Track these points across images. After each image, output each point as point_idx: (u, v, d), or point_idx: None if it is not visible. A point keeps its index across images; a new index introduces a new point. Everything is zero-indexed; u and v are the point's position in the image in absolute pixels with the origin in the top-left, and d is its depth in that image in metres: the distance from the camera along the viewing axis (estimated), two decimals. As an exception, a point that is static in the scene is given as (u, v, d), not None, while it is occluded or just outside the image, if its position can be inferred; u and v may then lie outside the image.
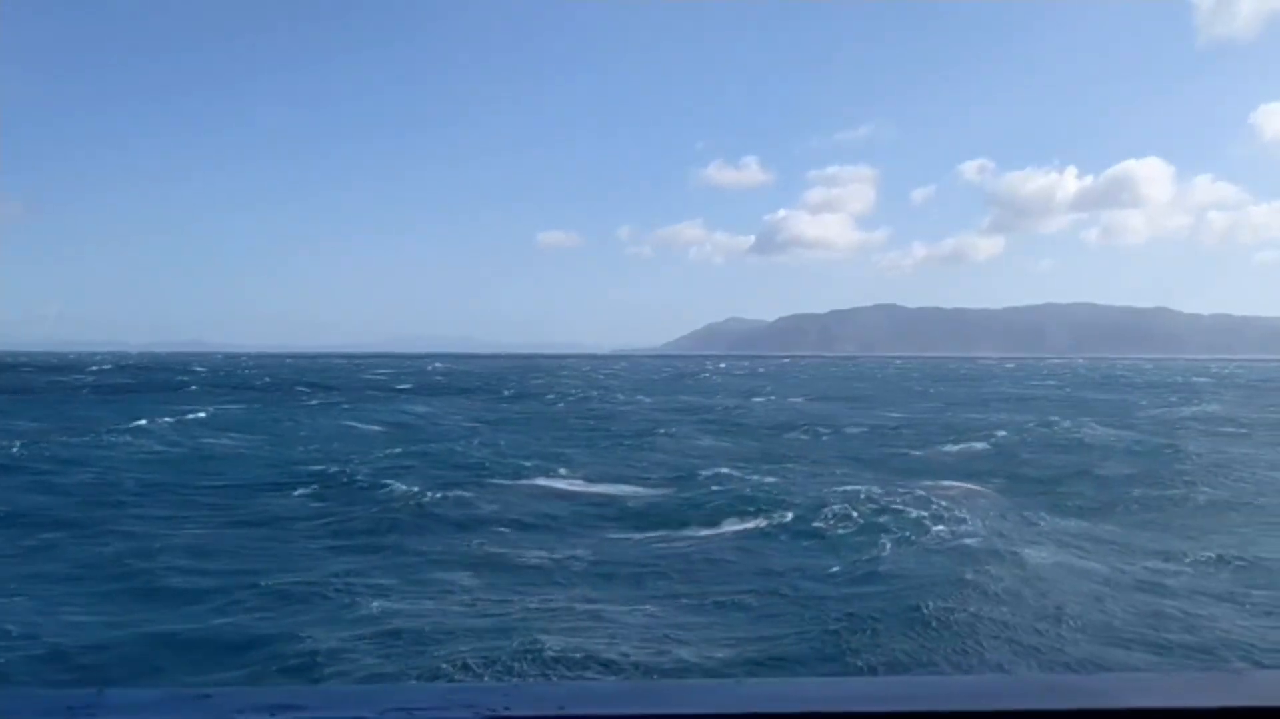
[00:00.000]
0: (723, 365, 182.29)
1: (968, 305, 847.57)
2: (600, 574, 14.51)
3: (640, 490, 22.70)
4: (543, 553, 15.64)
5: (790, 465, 27.58)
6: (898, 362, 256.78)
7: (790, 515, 18.52)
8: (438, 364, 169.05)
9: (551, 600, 12.88)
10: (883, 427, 42.17)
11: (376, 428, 40.42)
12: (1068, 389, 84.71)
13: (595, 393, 73.72)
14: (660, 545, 16.77)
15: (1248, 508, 21.16)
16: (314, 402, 58.81)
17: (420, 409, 52.35)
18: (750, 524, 18.26)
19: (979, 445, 33.43)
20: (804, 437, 37.98)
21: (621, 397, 69.36)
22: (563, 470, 25.28)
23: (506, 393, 74.53)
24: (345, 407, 53.02)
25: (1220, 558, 15.44)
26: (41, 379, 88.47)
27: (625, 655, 10.49)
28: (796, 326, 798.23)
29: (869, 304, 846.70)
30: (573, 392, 74.77)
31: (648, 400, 64.33)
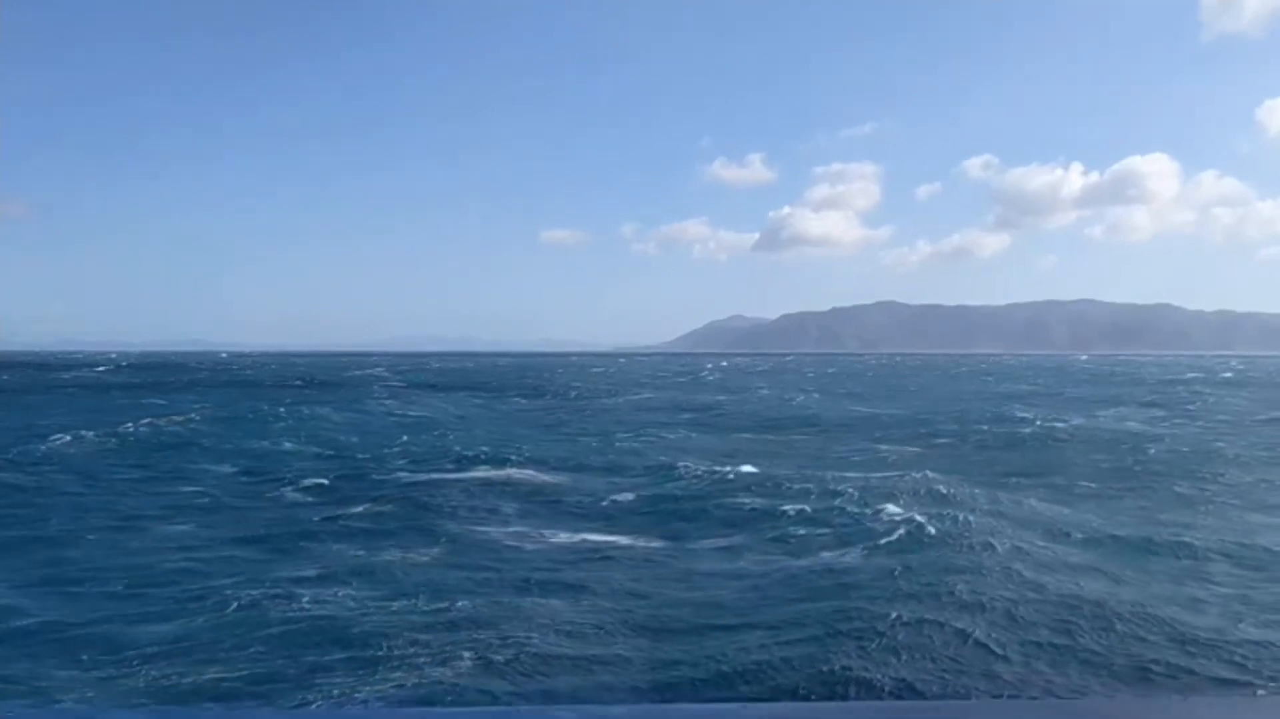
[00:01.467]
0: (724, 364, 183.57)
1: (972, 302, 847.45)
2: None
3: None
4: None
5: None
6: (898, 358, 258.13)
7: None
8: (434, 363, 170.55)
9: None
10: (849, 423, 43.82)
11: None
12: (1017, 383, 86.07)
13: (576, 388, 75.36)
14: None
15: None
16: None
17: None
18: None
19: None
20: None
21: (602, 397, 70.71)
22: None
23: (495, 388, 76.19)
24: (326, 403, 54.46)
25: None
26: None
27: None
28: (798, 324, 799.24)
29: (871, 301, 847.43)
30: (573, 389, 76.35)
31: (619, 399, 65.68)
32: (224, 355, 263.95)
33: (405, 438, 34.20)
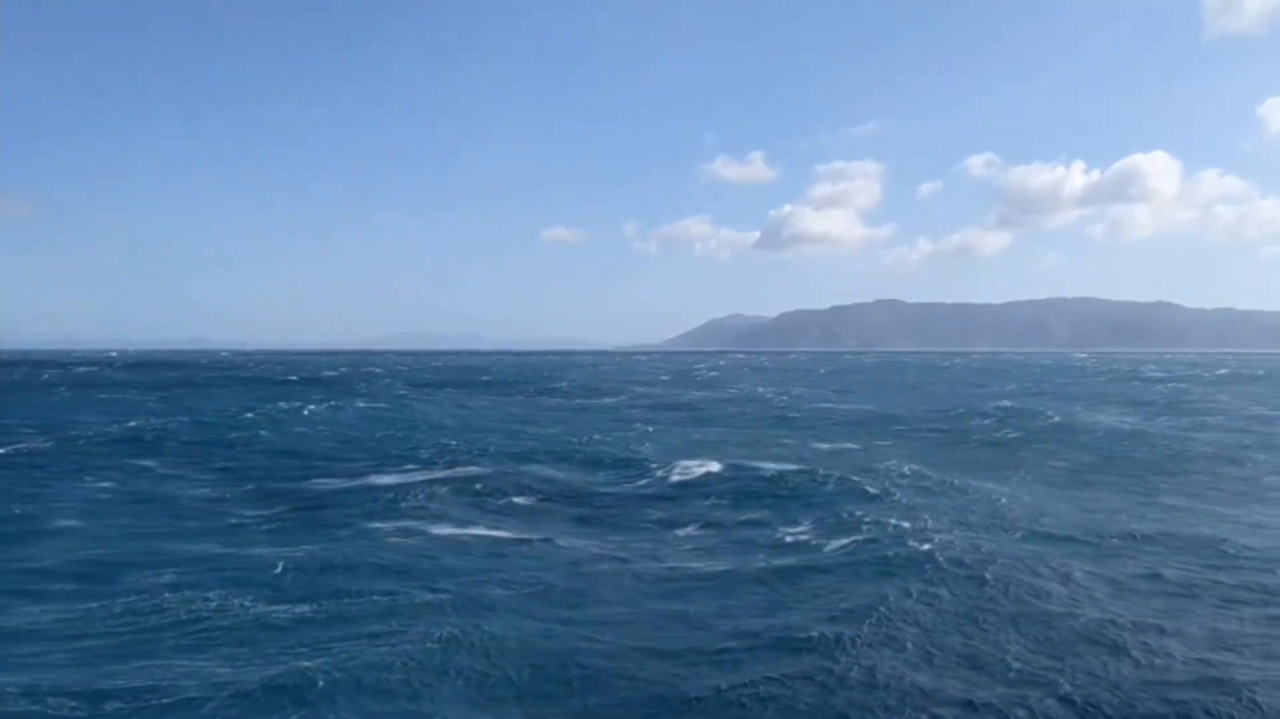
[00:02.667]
0: (721, 362, 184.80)
1: (972, 300, 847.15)
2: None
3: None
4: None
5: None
6: (897, 356, 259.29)
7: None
8: (437, 363, 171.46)
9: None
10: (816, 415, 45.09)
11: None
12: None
13: (562, 387, 76.44)
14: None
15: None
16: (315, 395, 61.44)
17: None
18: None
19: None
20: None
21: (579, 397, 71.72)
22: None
23: (483, 385, 77.39)
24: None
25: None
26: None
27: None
28: (798, 322, 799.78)
29: (871, 300, 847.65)
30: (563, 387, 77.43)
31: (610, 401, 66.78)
32: (224, 354, 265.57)
33: (377, 435, 35.37)
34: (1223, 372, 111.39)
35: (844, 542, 16.47)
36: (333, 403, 47.72)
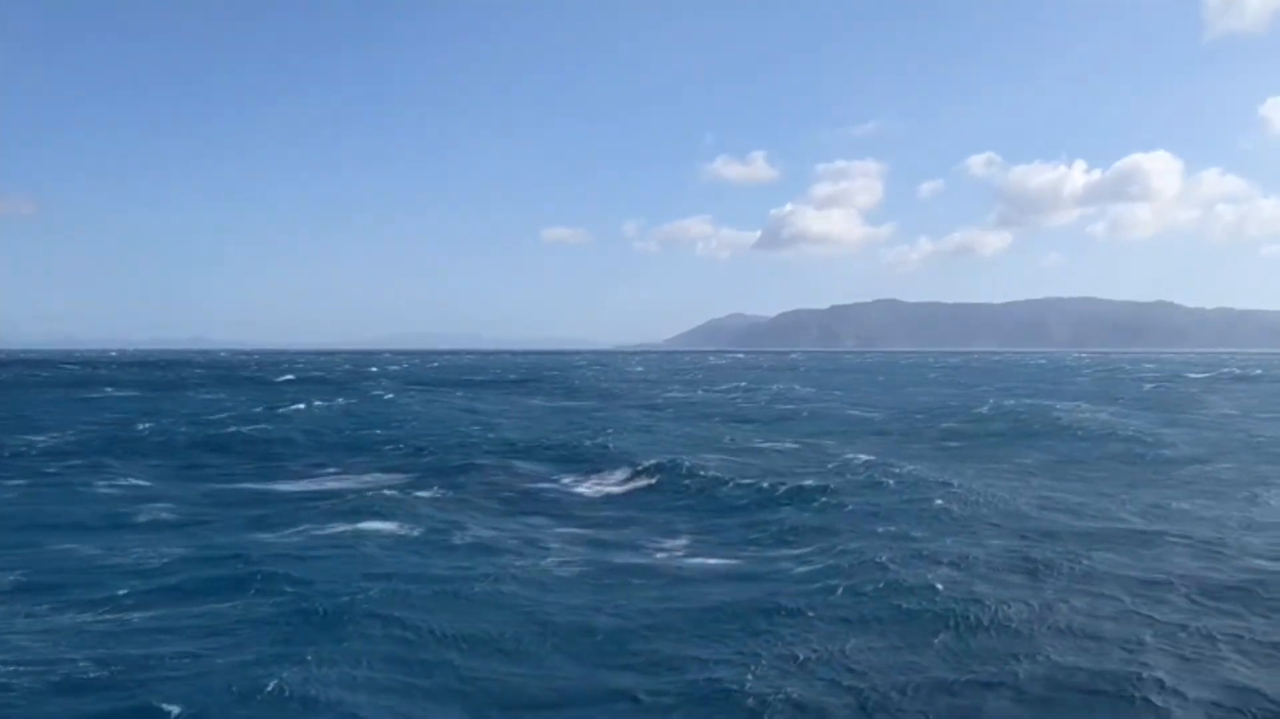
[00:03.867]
0: (716, 361, 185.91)
1: (973, 300, 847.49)
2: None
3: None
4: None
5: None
6: (902, 357, 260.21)
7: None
8: (435, 362, 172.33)
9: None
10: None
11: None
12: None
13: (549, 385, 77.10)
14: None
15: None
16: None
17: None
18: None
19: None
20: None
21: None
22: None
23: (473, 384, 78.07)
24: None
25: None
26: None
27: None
28: (797, 322, 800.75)
29: (871, 299, 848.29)
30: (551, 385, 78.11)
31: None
32: (223, 354, 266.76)
33: (344, 434, 36.07)
34: (1228, 370, 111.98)
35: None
36: (319, 402, 48.58)
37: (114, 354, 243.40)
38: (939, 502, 19.69)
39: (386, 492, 21.37)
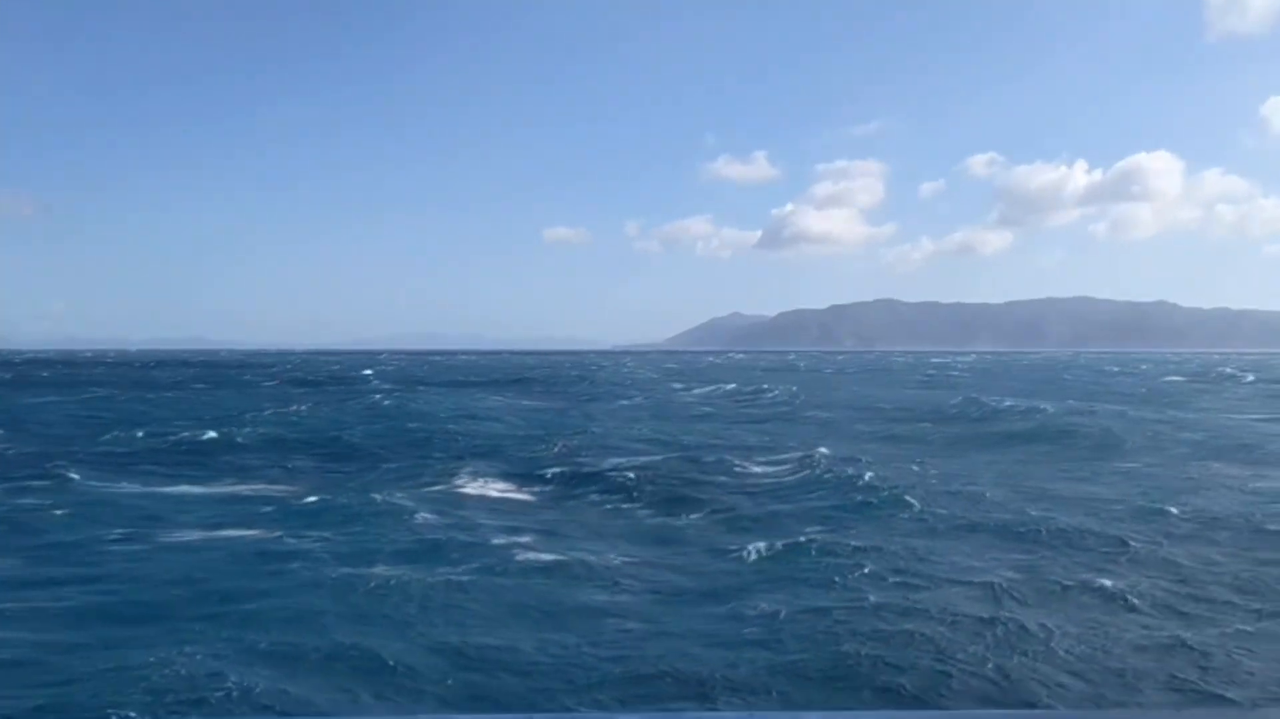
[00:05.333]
0: (716, 360, 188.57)
1: (973, 300, 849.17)
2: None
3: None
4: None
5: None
6: (902, 357, 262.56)
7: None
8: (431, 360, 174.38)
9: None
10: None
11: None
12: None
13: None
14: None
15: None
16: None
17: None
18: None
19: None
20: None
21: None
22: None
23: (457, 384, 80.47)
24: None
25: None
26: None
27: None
28: (796, 322, 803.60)
29: (870, 299, 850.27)
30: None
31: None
32: (223, 354, 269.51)
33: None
34: (1225, 369, 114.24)
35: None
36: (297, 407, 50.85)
37: (111, 355, 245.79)
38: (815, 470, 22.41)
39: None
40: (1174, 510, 19.28)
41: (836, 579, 13.78)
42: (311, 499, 20.51)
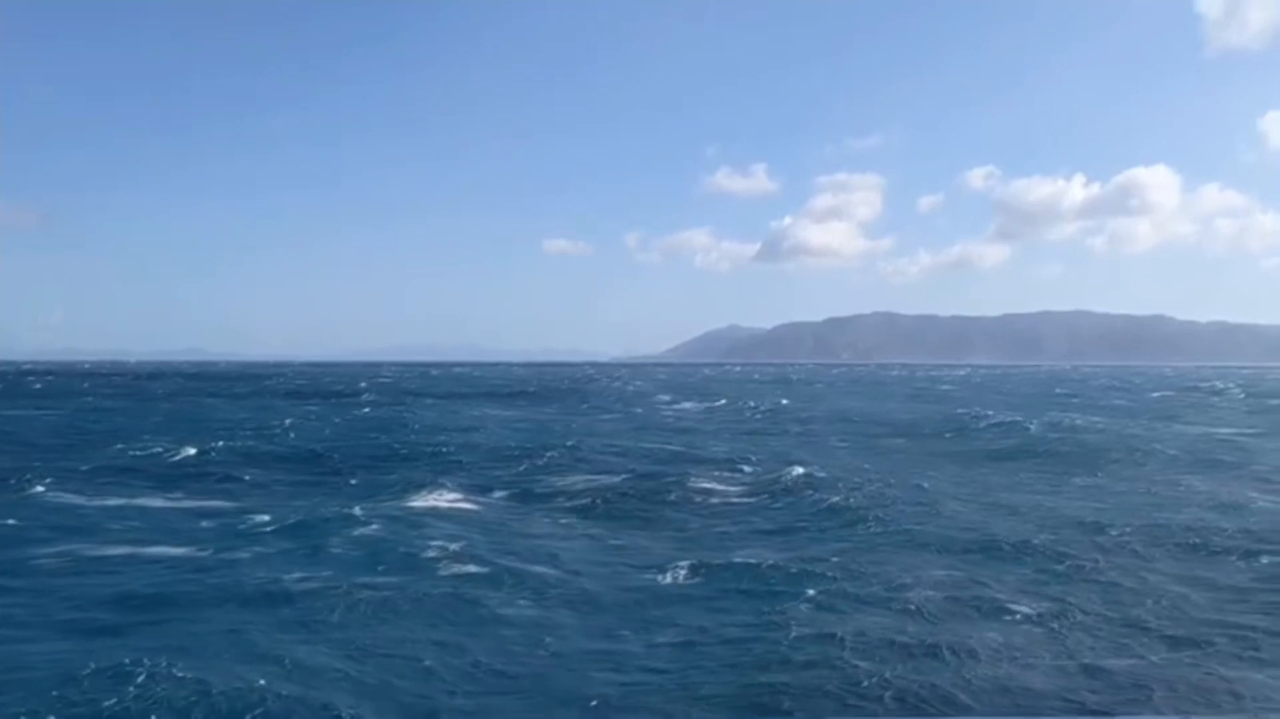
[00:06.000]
0: (708, 374, 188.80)
1: (970, 313, 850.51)
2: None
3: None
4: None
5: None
6: (897, 370, 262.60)
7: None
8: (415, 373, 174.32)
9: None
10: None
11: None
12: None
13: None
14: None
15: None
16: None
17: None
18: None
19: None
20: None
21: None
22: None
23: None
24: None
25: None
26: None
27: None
28: (793, 334, 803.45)
29: (868, 312, 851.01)
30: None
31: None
32: (221, 365, 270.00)
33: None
34: (1216, 384, 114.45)
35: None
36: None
37: (109, 366, 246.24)
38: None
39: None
40: (1126, 526, 19.29)
41: (761, 599, 13.76)
42: (262, 515, 20.46)
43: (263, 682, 9.91)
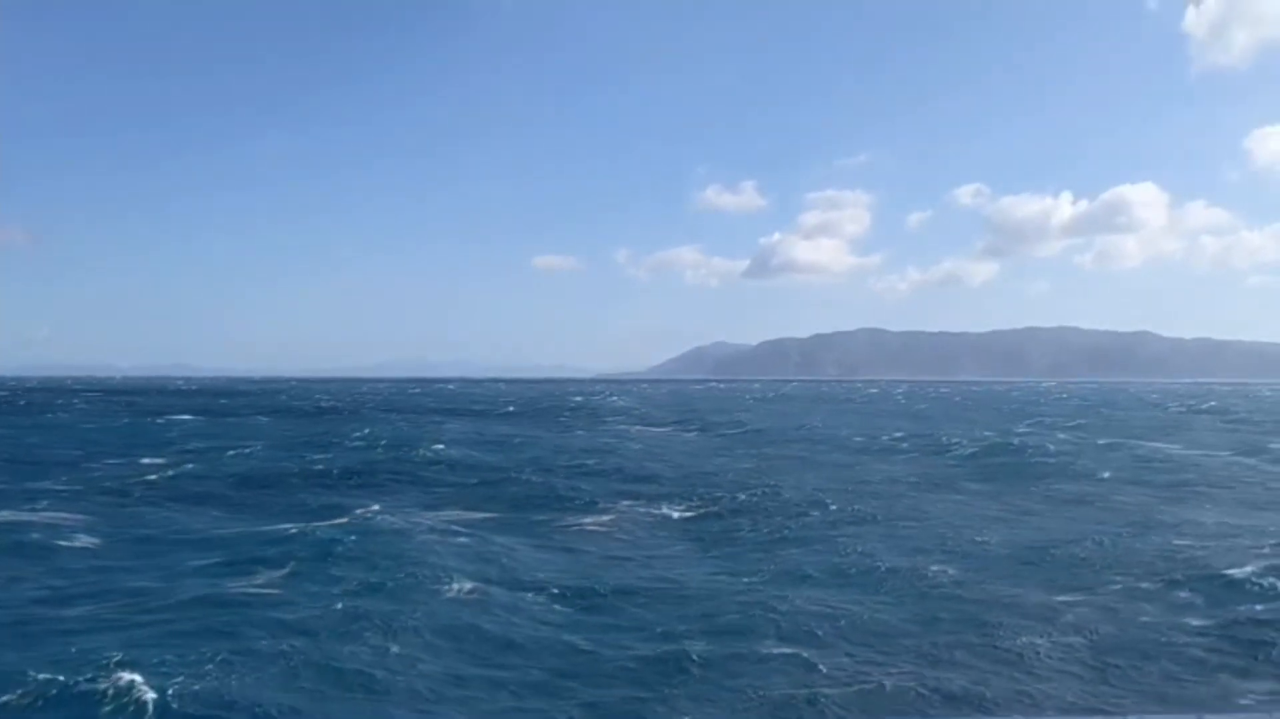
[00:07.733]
0: (696, 389, 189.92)
1: (957, 329, 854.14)
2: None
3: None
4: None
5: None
6: (876, 387, 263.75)
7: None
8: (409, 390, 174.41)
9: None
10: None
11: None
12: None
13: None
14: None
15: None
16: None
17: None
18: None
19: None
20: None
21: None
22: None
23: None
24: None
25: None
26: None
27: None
28: (779, 350, 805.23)
29: (855, 328, 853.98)
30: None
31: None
32: (208, 382, 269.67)
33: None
34: (1190, 402, 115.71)
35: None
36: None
37: (96, 380, 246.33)
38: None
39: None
40: (1018, 540, 20.31)
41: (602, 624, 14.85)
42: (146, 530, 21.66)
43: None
